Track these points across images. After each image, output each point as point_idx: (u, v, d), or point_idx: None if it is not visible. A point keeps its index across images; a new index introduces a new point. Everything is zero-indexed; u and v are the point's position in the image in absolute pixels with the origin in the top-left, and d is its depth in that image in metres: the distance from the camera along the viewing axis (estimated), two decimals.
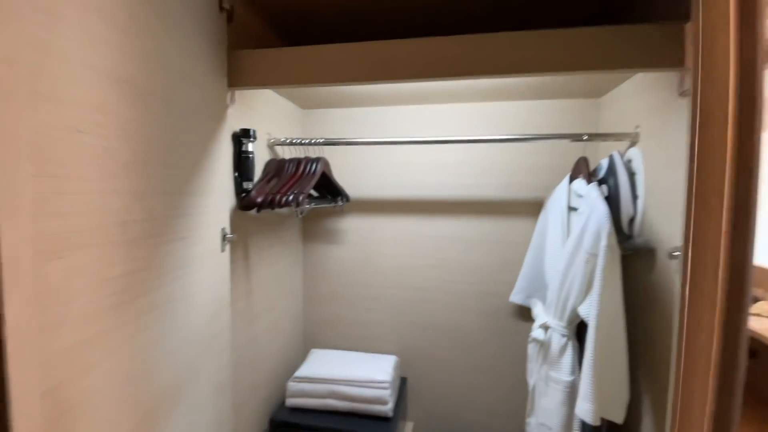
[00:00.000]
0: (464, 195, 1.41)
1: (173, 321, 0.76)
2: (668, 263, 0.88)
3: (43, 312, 0.49)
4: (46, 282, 0.49)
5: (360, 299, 1.53)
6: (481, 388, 1.44)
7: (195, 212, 0.83)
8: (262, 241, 1.23)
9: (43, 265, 0.49)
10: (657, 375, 0.92)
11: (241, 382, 1.13)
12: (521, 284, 1.34)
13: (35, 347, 0.47)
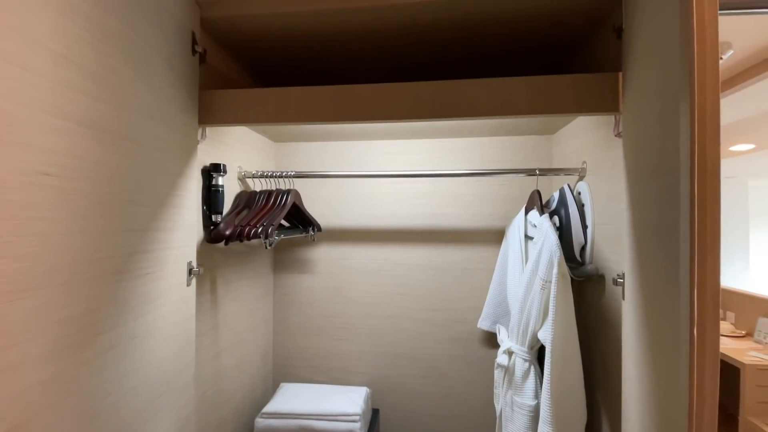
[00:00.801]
0: (432, 224, 1.47)
1: (135, 358, 0.75)
2: (616, 288, 0.95)
3: (3, 351, 0.48)
4: (5, 322, 0.49)
5: (331, 329, 1.53)
6: (451, 417, 1.45)
7: (161, 247, 0.84)
8: (230, 274, 1.23)
9: (3, 306, 0.49)
10: (612, 395, 0.97)
11: (207, 418, 1.10)
12: (487, 310, 1.39)
13: None
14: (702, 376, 0.55)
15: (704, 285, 0.55)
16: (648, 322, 0.69)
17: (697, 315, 0.54)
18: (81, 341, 0.61)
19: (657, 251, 0.67)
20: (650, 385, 0.66)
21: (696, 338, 0.56)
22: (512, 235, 1.29)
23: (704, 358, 0.56)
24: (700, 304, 0.54)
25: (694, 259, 0.56)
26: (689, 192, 0.58)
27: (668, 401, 0.60)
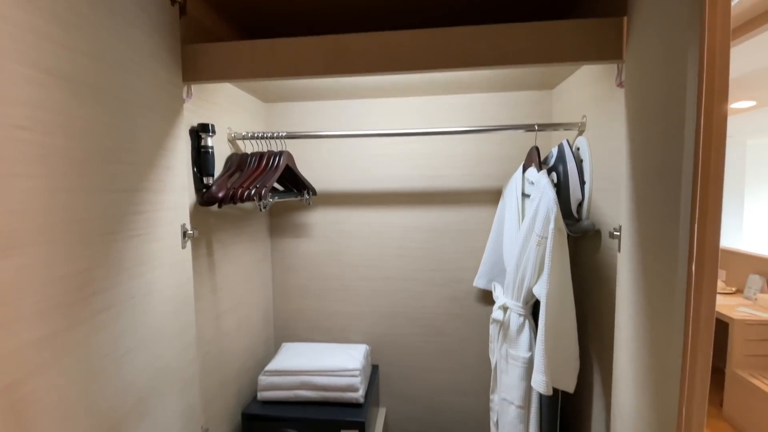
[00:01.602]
0: (428, 186, 1.45)
1: (134, 318, 0.75)
2: (611, 242, 0.96)
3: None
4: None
5: (330, 291, 1.55)
6: (448, 371, 1.50)
7: (152, 209, 0.82)
8: (226, 238, 1.22)
9: None
10: (604, 346, 1.00)
11: (211, 377, 1.13)
12: (483, 269, 1.41)
13: None
14: (697, 323, 0.55)
15: (704, 229, 0.54)
16: (644, 272, 0.69)
17: (696, 259, 0.54)
18: (75, 300, 0.61)
19: (656, 200, 0.66)
20: (644, 335, 0.67)
21: (694, 287, 0.56)
22: (509, 193, 1.27)
23: (700, 306, 0.56)
24: (699, 249, 0.54)
25: (696, 205, 0.55)
26: (694, 138, 0.56)
27: (663, 350, 0.61)
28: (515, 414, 1.07)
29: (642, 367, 0.67)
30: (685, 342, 0.55)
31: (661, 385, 0.59)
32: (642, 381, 0.66)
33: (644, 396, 0.65)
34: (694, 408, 0.53)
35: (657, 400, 0.60)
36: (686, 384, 0.53)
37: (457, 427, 1.50)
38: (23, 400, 0.51)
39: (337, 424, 1.18)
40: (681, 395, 0.53)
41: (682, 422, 0.52)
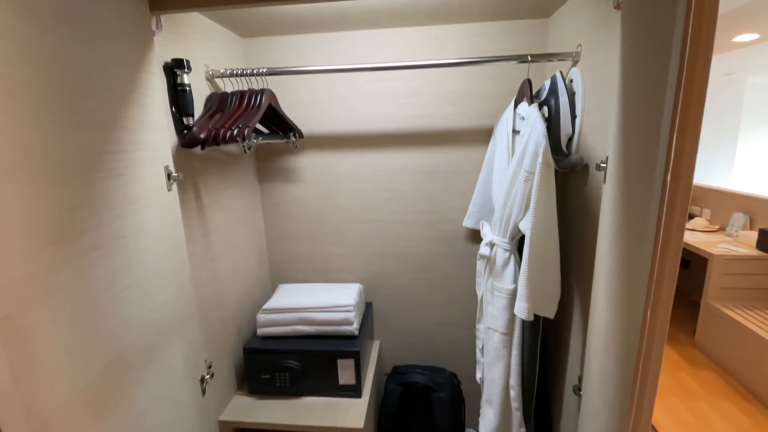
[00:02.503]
0: (418, 126, 1.42)
1: (127, 257, 0.77)
2: (598, 175, 0.96)
3: None
4: None
5: (323, 235, 1.57)
6: (438, 305, 1.58)
7: (132, 148, 0.80)
8: (213, 182, 1.21)
9: None
10: (585, 277, 1.04)
11: (210, 316, 1.18)
12: (473, 210, 1.42)
13: None
14: (668, 232, 0.57)
15: (683, 143, 0.54)
16: (625, 196, 0.71)
17: (672, 170, 0.55)
18: (64, 237, 0.62)
19: (641, 122, 0.65)
20: (621, 254, 0.70)
21: (667, 198, 0.57)
22: (500, 131, 1.25)
23: (673, 215, 0.57)
24: (676, 160, 0.54)
25: (676, 120, 0.54)
26: (680, 52, 0.54)
27: (636, 262, 0.64)
28: (499, 340, 1.14)
29: (615, 282, 0.71)
30: (655, 248, 0.57)
31: (631, 296, 0.62)
32: (614, 296, 0.70)
33: (615, 311, 0.69)
34: (659, 313, 0.56)
35: (626, 311, 0.64)
36: (652, 290, 0.56)
37: (446, 354, 1.61)
38: (23, 331, 0.53)
39: (334, 354, 1.26)
40: (647, 302, 0.56)
41: (646, 325, 0.56)
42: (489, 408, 1.20)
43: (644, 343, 0.58)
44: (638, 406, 0.58)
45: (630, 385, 0.59)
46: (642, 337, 0.59)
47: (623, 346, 0.63)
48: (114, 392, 0.71)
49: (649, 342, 0.58)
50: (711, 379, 2.29)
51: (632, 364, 0.59)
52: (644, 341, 0.59)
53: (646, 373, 0.57)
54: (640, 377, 0.57)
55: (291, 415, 1.21)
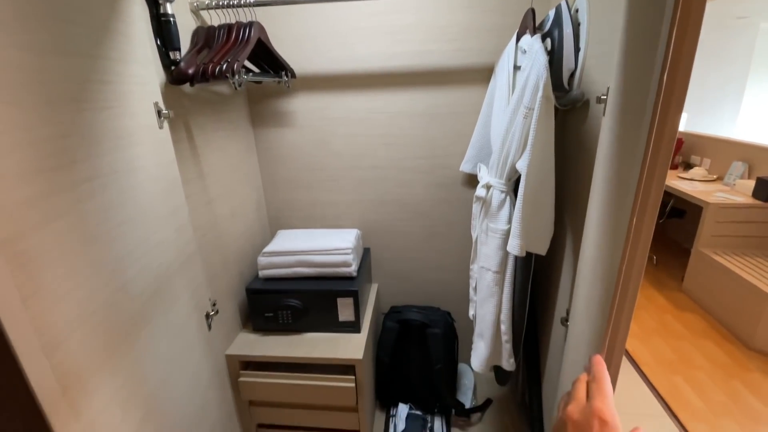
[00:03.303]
0: (415, 64, 1.36)
1: (122, 191, 0.77)
2: (598, 109, 0.94)
3: None
4: None
5: (319, 181, 1.57)
6: (434, 251, 1.62)
7: (118, 80, 0.77)
8: (205, 123, 1.18)
9: None
10: (579, 214, 1.05)
11: (212, 258, 1.21)
12: (470, 153, 1.41)
13: None
14: (652, 172, 0.57)
15: (676, 69, 0.52)
16: (620, 130, 0.70)
17: (663, 96, 0.53)
18: (57, 166, 0.61)
19: (640, 50, 0.62)
20: (612, 185, 0.70)
21: (658, 118, 0.57)
22: (501, 68, 1.21)
23: (662, 135, 0.57)
24: (668, 83, 0.53)
25: (667, 63, 0.52)
26: None
27: (623, 191, 0.64)
28: (492, 278, 1.18)
29: (606, 207, 0.72)
30: (642, 171, 0.58)
31: (619, 219, 0.63)
32: (605, 222, 0.72)
33: (605, 234, 0.71)
34: (642, 234, 0.58)
35: (613, 234, 0.66)
36: (637, 208, 0.57)
37: (441, 296, 1.68)
38: (26, 254, 0.55)
39: (333, 294, 1.31)
40: (630, 221, 0.58)
41: (628, 247, 0.58)
42: (480, 341, 1.27)
43: (625, 261, 0.60)
44: (616, 319, 0.61)
45: (610, 302, 0.62)
46: (623, 255, 0.61)
47: (608, 267, 0.65)
48: (121, 319, 0.74)
49: (630, 261, 0.60)
50: (694, 321, 2.40)
51: (613, 281, 0.61)
52: (625, 259, 0.61)
53: (626, 290, 0.59)
54: (619, 293, 0.60)
55: (294, 348, 1.28)
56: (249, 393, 1.29)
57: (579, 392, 0.42)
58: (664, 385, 1.88)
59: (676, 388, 1.87)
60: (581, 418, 0.38)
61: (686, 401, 1.78)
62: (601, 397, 0.39)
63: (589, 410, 0.39)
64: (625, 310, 0.61)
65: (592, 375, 0.42)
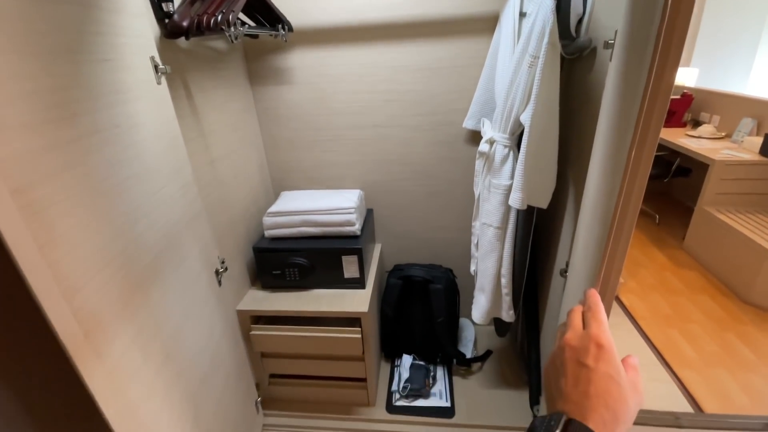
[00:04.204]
0: (416, 14, 1.31)
1: (125, 146, 0.77)
2: (605, 57, 0.91)
3: None
4: None
5: (320, 142, 1.55)
6: (437, 210, 1.63)
7: (112, 32, 0.76)
8: (203, 81, 1.16)
9: None
10: (582, 168, 1.05)
11: (218, 218, 1.23)
12: (474, 109, 1.38)
13: None
14: (655, 96, 0.56)
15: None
16: (625, 69, 0.68)
17: (663, 39, 0.52)
18: (59, 117, 0.61)
19: None
20: (613, 128, 0.70)
21: (657, 63, 0.56)
22: (506, 16, 1.16)
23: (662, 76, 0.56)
24: (668, 26, 0.52)
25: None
26: None
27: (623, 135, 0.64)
28: (493, 234, 1.20)
29: (607, 150, 0.72)
30: (640, 112, 0.57)
31: (617, 160, 0.64)
32: (604, 167, 0.72)
33: (602, 182, 0.71)
34: (640, 166, 0.58)
35: (611, 176, 0.66)
36: (634, 147, 0.58)
37: (443, 254, 1.71)
38: (37, 203, 0.56)
39: (338, 252, 1.34)
40: (626, 164, 0.58)
41: (626, 179, 0.59)
42: (481, 295, 1.31)
43: (623, 194, 0.61)
44: (611, 253, 0.63)
45: (606, 238, 0.63)
46: (621, 188, 0.62)
47: (606, 206, 0.66)
48: (135, 271, 0.77)
49: (627, 194, 0.61)
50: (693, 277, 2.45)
51: (610, 217, 0.62)
52: (623, 192, 0.62)
53: (622, 222, 0.61)
54: (616, 224, 0.61)
55: (302, 303, 1.33)
56: (260, 345, 1.36)
57: (575, 321, 0.43)
58: (659, 337, 1.95)
59: (671, 339, 1.94)
60: (579, 343, 0.40)
61: (679, 352, 1.86)
62: (596, 323, 0.41)
63: (586, 336, 0.40)
64: (621, 243, 0.62)
65: (587, 305, 0.44)
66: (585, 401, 0.35)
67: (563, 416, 0.34)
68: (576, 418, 0.34)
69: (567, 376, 0.38)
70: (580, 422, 0.33)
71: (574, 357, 0.39)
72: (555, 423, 0.34)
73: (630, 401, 0.36)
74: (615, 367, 0.37)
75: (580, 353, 0.39)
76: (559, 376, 0.39)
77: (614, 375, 0.36)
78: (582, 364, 0.38)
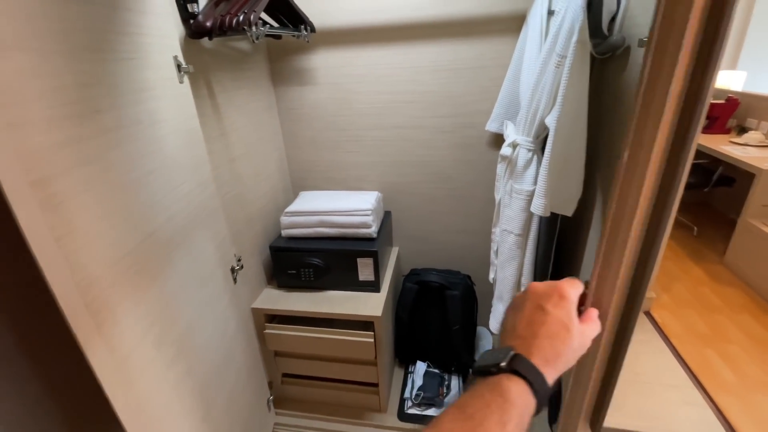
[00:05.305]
0: (440, 14, 1.28)
1: (146, 143, 0.79)
2: (639, 55, 0.86)
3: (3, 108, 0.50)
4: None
5: (341, 142, 1.55)
6: (456, 214, 1.59)
7: (137, 32, 0.77)
8: (226, 81, 1.18)
9: None
10: (612, 173, 0.99)
11: (236, 215, 1.24)
12: (497, 111, 1.34)
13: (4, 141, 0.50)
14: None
15: None
16: None
17: None
18: (81, 113, 0.63)
19: None
20: None
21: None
22: (533, 14, 1.11)
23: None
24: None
25: None
26: None
27: None
28: (514, 241, 1.15)
29: None
30: None
31: None
32: None
33: None
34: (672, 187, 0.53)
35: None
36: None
37: (462, 259, 1.66)
38: (57, 196, 0.58)
39: (354, 253, 1.32)
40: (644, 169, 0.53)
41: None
42: (500, 304, 1.26)
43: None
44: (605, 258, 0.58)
45: None
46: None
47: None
48: (151, 264, 0.79)
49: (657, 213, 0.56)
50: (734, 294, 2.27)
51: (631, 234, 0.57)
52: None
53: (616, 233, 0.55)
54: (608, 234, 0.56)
55: (316, 304, 1.32)
56: (274, 344, 1.37)
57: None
58: (694, 358, 1.81)
59: (707, 360, 1.81)
60: (543, 290, 0.43)
61: (716, 374, 1.72)
62: (569, 280, 0.45)
63: (552, 285, 0.44)
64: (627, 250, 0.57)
65: None
66: (533, 340, 0.39)
67: (511, 351, 0.38)
68: (522, 353, 0.38)
69: (524, 316, 0.42)
70: (525, 357, 0.38)
71: (536, 301, 0.42)
72: (503, 356, 0.38)
73: (575, 345, 0.40)
74: (569, 315, 0.41)
75: (542, 298, 0.42)
76: (517, 315, 0.43)
77: (566, 321, 0.41)
78: (540, 308, 0.42)
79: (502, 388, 0.35)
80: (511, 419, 0.34)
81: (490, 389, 0.36)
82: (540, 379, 0.37)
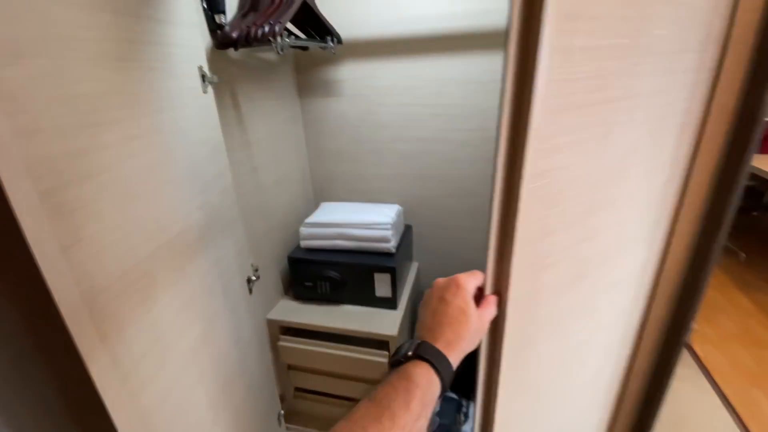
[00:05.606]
0: (471, 25, 1.25)
1: (166, 152, 0.78)
2: None
3: (12, 117, 0.50)
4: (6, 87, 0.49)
5: (364, 154, 1.53)
6: (478, 230, 1.52)
7: (162, 41, 0.78)
8: (252, 92, 1.19)
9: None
10: None
11: (255, 225, 1.23)
12: None
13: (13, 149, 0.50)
14: None
15: None
16: None
17: None
18: (100, 122, 0.63)
19: None
20: None
21: None
22: None
23: None
24: None
25: None
26: None
27: None
28: None
29: None
30: None
31: None
32: None
33: None
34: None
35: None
36: None
37: None
38: (66, 205, 0.57)
39: (371, 268, 1.29)
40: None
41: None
42: None
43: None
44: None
45: None
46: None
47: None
48: (163, 275, 0.78)
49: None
50: None
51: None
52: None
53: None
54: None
55: (331, 319, 1.29)
56: (287, 357, 1.34)
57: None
58: (739, 397, 1.66)
59: (754, 401, 1.64)
60: (444, 282, 0.50)
61: (765, 416, 1.56)
62: (467, 273, 0.50)
63: (451, 279, 0.49)
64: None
65: None
66: (437, 328, 0.45)
67: (417, 340, 0.44)
68: (428, 340, 0.44)
69: (430, 309, 0.48)
70: (430, 343, 0.43)
71: (438, 294, 0.49)
72: (410, 345, 0.44)
73: (473, 327, 0.45)
74: (466, 301, 0.47)
75: (443, 290, 0.48)
76: (426, 310, 0.48)
77: (464, 308, 0.46)
78: (442, 299, 0.47)
79: (407, 373, 0.40)
80: (415, 397, 0.38)
81: (398, 376, 0.41)
82: (442, 359, 0.42)
